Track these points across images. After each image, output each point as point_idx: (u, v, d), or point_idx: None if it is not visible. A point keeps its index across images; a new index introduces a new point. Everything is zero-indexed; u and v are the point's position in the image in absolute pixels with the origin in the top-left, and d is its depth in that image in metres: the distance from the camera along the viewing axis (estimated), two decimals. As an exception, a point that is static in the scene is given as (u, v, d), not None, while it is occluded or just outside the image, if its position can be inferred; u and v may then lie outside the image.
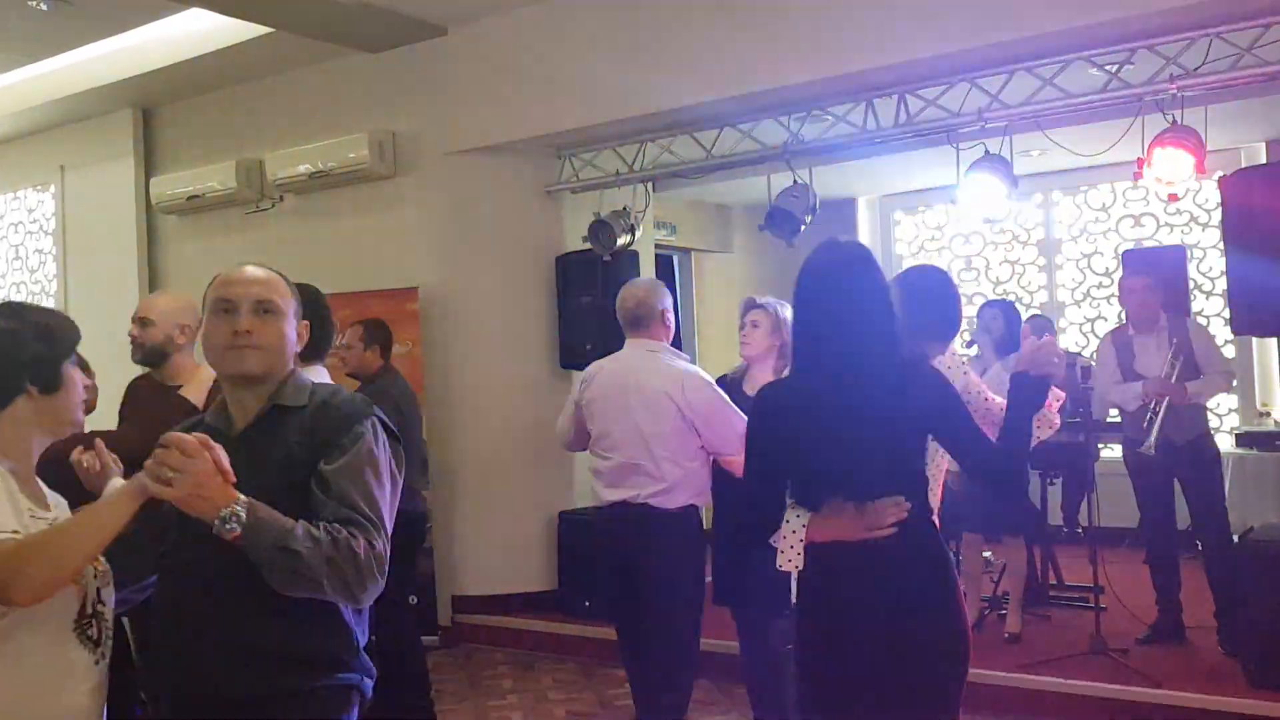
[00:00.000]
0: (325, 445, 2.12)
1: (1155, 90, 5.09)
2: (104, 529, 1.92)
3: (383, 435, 2.19)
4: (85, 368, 2.28)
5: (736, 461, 3.31)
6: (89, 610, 2.04)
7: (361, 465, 2.11)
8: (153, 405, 3.75)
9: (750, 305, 4.21)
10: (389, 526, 2.12)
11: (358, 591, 2.01)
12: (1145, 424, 5.37)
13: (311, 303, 2.83)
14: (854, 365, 2.58)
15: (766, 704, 4.26)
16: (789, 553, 2.64)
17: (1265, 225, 4.79)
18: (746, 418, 2.98)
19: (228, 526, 1.90)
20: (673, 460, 3.90)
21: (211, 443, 1.93)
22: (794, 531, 2.63)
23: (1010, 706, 5.04)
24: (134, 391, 4.04)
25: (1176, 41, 5.02)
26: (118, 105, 8.14)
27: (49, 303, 8.91)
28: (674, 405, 3.87)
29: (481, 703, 5.56)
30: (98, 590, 2.07)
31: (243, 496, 1.93)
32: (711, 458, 3.97)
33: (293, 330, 2.23)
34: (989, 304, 6.12)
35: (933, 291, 3.23)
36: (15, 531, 1.90)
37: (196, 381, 3.77)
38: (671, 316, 4.17)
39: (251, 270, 2.25)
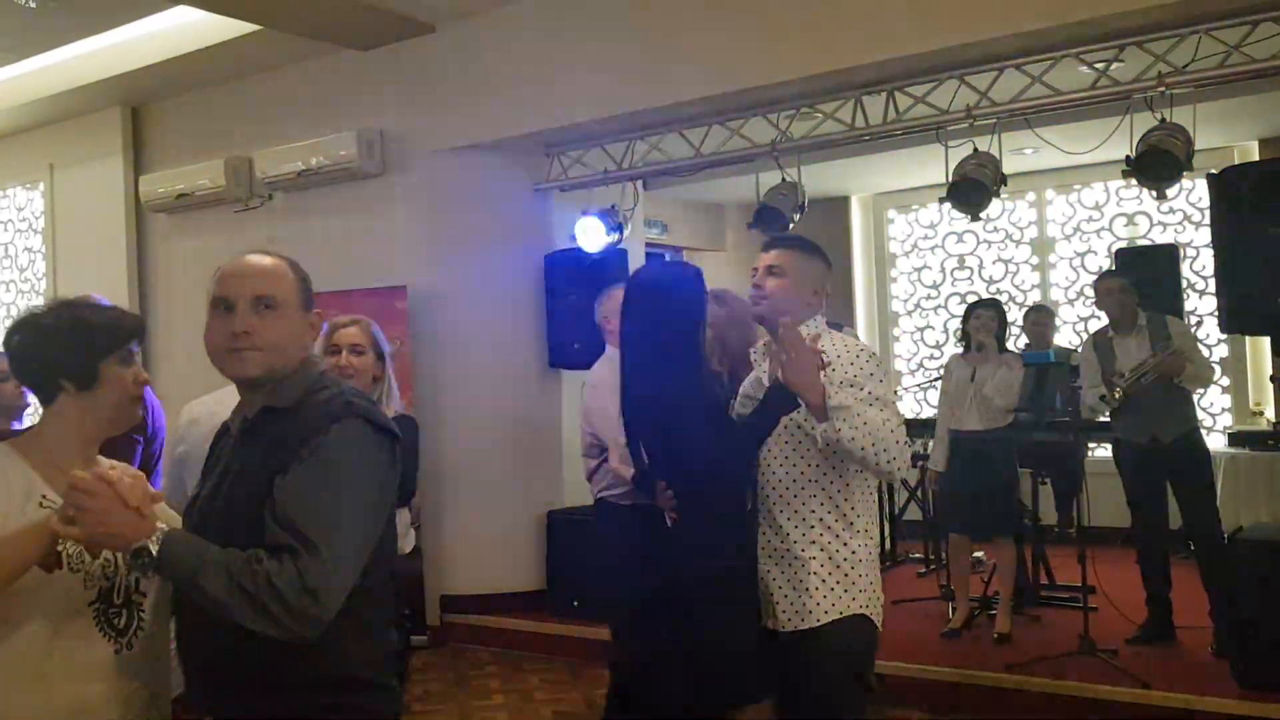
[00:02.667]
0: (290, 453, 1.95)
1: (1144, 87, 5.07)
2: (9, 560, 1.85)
3: (367, 439, 1.98)
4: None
5: None
6: (117, 599, 2.04)
7: (316, 477, 1.90)
8: None
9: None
10: (352, 544, 1.91)
11: (290, 625, 1.81)
12: (1129, 371, 5.38)
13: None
14: (632, 373, 3.08)
15: None
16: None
17: (1254, 224, 4.76)
18: None
19: (138, 561, 1.81)
20: None
21: (113, 476, 1.83)
22: None
23: (999, 707, 5.02)
24: None
25: (1165, 39, 5.00)
26: (106, 103, 8.11)
27: (37, 301, 8.88)
28: None
29: (468, 703, 5.54)
30: (135, 579, 2.06)
31: (161, 528, 1.82)
32: None
33: (299, 322, 2.08)
34: (981, 304, 6.05)
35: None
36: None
37: None
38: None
39: (251, 260, 2.12)
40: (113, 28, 7.20)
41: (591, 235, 6.67)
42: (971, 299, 8.69)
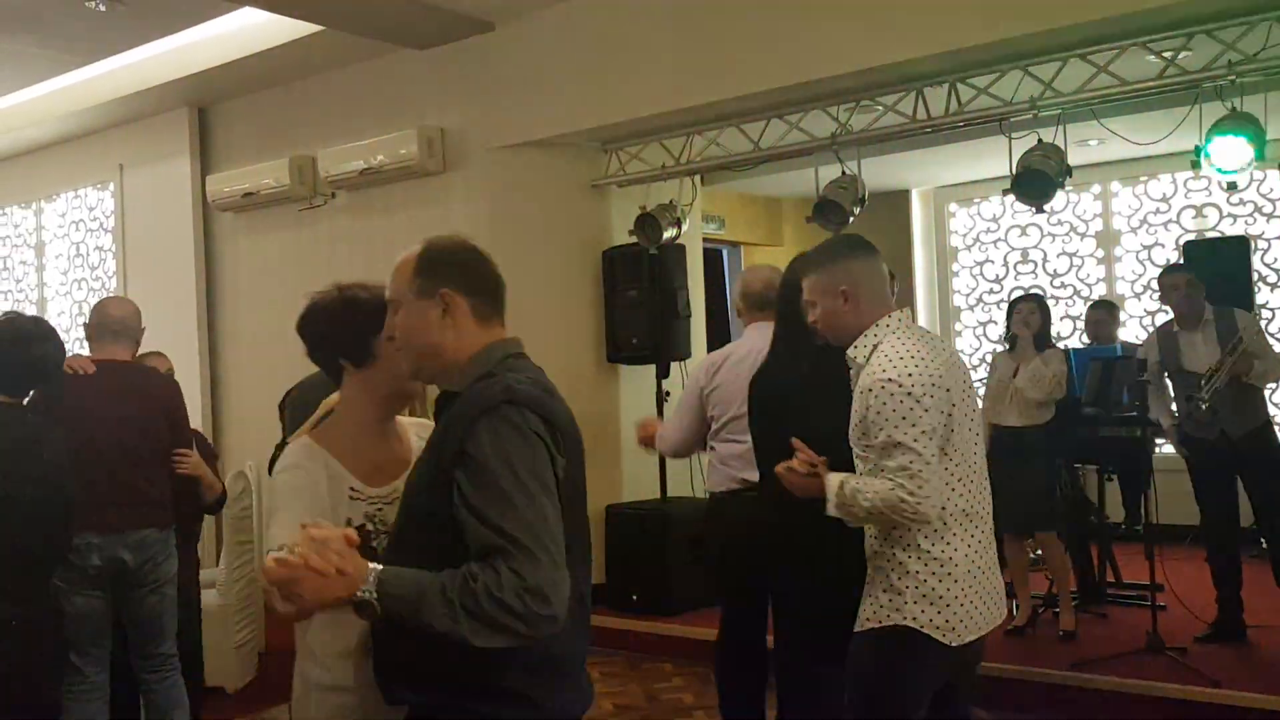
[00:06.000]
0: (451, 447, 1.91)
1: (1213, 76, 4.97)
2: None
3: (520, 427, 1.89)
4: None
5: None
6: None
7: (492, 472, 1.84)
8: None
9: None
10: (555, 531, 1.84)
11: (528, 631, 1.79)
12: (1204, 380, 5.28)
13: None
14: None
15: None
16: None
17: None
18: None
19: (363, 614, 1.81)
20: None
21: (304, 553, 1.77)
22: None
23: (1065, 705, 4.96)
24: None
25: (1234, 26, 4.90)
26: (174, 104, 8.26)
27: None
28: None
29: (528, 696, 5.55)
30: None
31: (373, 569, 1.79)
32: None
33: (420, 312, 2.03)
34: (1024, 298, 5.98)
35: None
36: (281, 548, 1.85)
37: None
38: None
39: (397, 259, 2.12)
40: (179, 30, 7.33)
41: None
42: (1036, 293, 8.60)
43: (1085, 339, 7.72)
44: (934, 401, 2.72)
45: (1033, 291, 7.94)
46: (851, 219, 6.03)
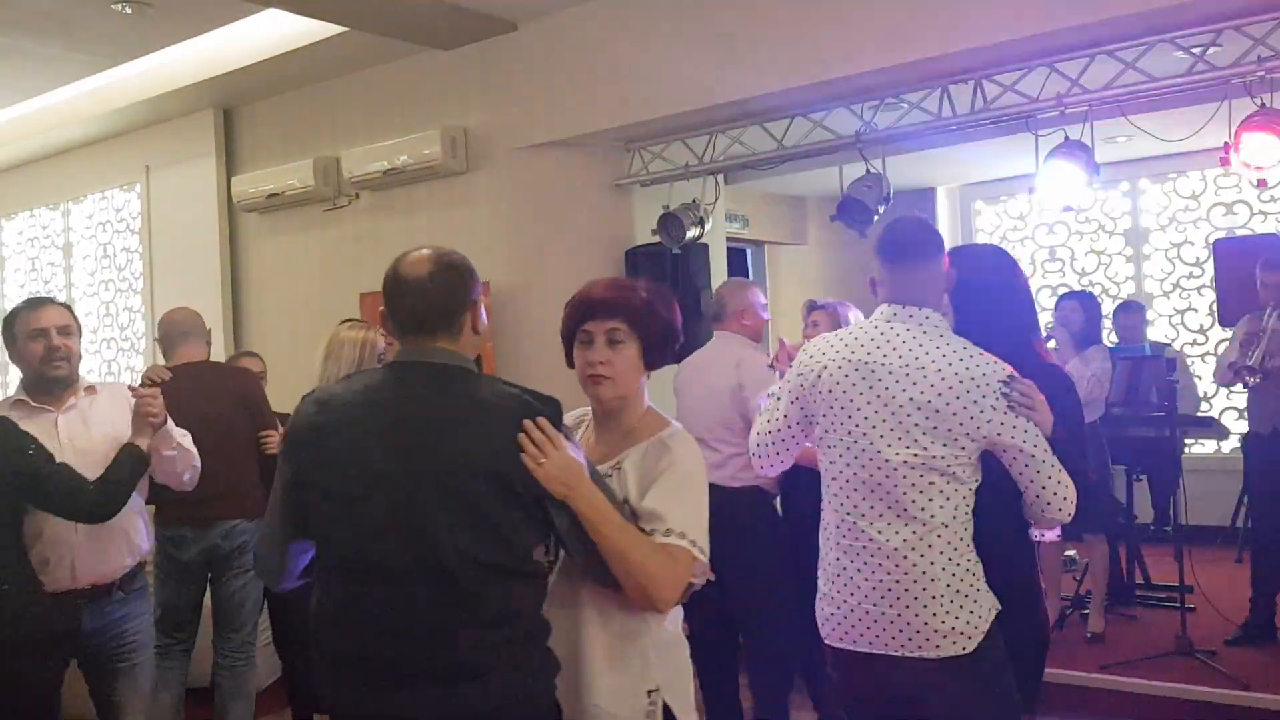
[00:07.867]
0: None
1: (1242, 73, 4.90)
2: None
3: None
4: None
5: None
6: None
7: None
8: None
9: (812, 306, 4.53)
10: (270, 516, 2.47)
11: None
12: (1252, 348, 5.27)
13: None
14: None
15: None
16: None
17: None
18: None
19: None
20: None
21: None
22: None
23: (1092, 707, 4.92)
24: None
25: (1265, 21, 4.82)
26: (199, 106, 8.30)
27: (135, 300, 9.14)
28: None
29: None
30: None
31: None
32: None
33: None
34: (1067, 296, 5.96)
35: None
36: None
37: None
38: (754, 312, 4.63)
39: None
40: (204, 32, 7.37)
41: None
42: (1063, 291, 8.55)
43: (1114, 338, 7.67)
44: (788, 385, 2.92)
45: (1079, 289, 7.86)
46: (876, 218, 6.00)
